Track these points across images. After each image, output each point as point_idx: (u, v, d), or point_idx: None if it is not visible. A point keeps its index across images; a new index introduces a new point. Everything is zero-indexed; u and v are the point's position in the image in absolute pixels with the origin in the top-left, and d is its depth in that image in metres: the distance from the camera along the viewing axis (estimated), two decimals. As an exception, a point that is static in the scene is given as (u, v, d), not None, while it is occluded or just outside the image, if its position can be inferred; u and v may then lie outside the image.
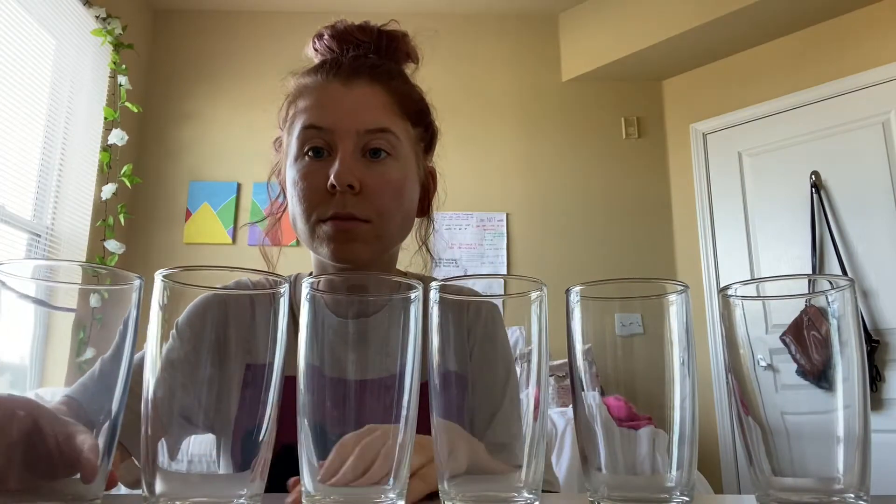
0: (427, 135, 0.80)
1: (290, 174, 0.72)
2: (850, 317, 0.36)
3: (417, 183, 0.77)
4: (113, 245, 2.76)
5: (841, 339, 0.30)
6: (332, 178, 0.67)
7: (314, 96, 0.72)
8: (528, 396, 0.41)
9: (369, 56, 0.75)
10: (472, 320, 0.70)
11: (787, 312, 0.39)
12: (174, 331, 0.38)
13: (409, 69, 0.80)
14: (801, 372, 0.37)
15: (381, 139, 0.70)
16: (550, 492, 0.67)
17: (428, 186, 0.81)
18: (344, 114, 0.70)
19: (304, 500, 0.38)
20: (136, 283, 0.39)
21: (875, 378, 2.38)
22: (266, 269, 0.76)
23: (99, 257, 2.75)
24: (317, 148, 0.70)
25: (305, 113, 0.71)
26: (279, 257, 0.83)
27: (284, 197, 0.78)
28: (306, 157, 0.70)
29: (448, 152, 0.85)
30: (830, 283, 0.38)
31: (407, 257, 0.81)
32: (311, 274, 0.79)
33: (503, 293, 0.46)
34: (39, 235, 2.61)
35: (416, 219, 0.79)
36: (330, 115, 0.70)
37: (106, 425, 0.37)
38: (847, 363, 0.32)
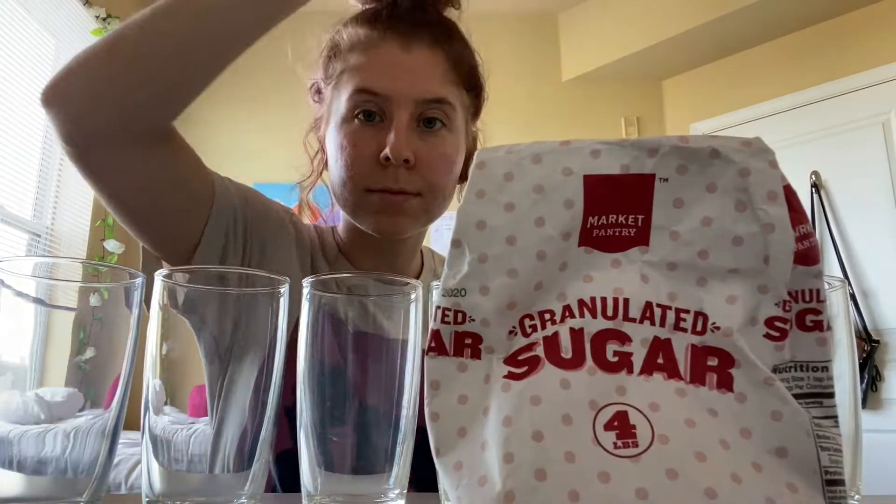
0: (477, 101, 0.77)
1: (336, 136, 0.68)
2: (843, 317, 0.36)
3: (464, 152, 0.74)
4: (112, 245, 2.76)
5: (834, 339, 0.31)
6: (387, 150, 0.63)
7: (370, 56, 0.67)
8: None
9: (426, 7, 0.70)
10: None
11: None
12: None
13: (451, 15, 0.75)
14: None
15: (438, 110, 0.67)
16: None
17: (470, 153, 0.77)
18: (402, 80, 0.65)
19: (304, 501, 0.38)
20: (138, 280, 0.39)
21: (875, 378, 2.37)
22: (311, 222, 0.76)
23: (98, 257, 2.75)
24: (368, 111, 0.66)
25: (359, 74, 0.66)
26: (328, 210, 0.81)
27: (323, 153, 0.74)
28: (356, 121, 0.66)
29: None
30: (828, 283, 0.38)
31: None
32: (333, 229, 0.79)
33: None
34: (39, 235, 2.61)
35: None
36: (386, 80, 0.65)
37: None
38: (839, 363, 0.32)
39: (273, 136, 2.94)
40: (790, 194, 0.32)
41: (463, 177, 0.77)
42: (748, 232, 0.31)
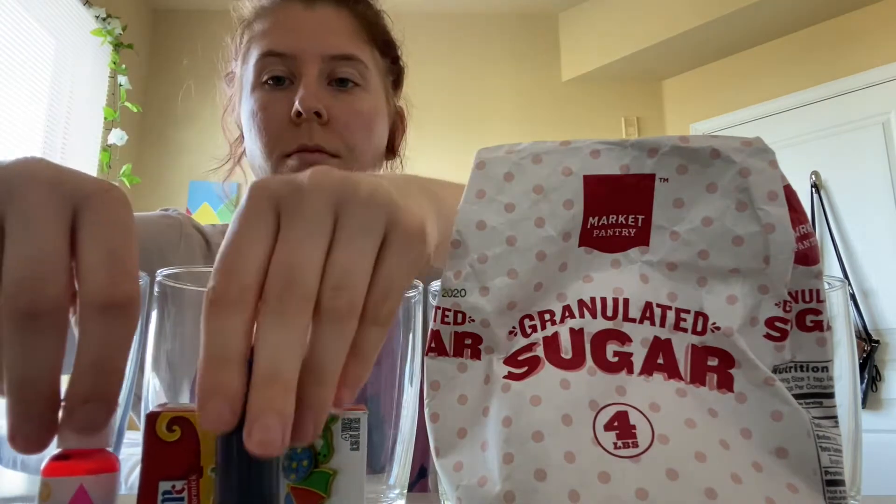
0: (395, 68, 0.74)
1: (247, 106, 0.65)
2: (843, 317, 0.36)
3: (387, 120, 0.71)
4: (113, 245, 2.76)
5: (834, 339, 0.31)
6: (297, 104, 0.60)
7: (272, 19, 0.65)
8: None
9: None
10: None
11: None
12: None
13: None
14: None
15: (349, 67, 0.64)
16: None
17: (396, 127, 0.75)
18: (307, 38, 0.63)
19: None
20: (142, 282, 0.39)
21: (875, 378, 2.37)
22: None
23: (99, 257, 2.75)
24: (277, 77, 0.63)
25: (263, 38, 0.64)
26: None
27: (243, 139, 0.71)
28: (265, 86, 0.64)
29: (447, 152, 0.83)
30: (828, 283, 0.38)
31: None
32: None
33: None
34: (39, 235, 2.61)
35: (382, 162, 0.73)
36: (291, 39, 0.63)
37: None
38: (839, 363, 0.32)
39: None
40: (790, 194, 0.32)
41: (390, 151, 0.74)
42: (748, 232, 0.31)
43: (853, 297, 2.48)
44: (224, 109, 0.74)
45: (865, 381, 2.36)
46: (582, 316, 0.32)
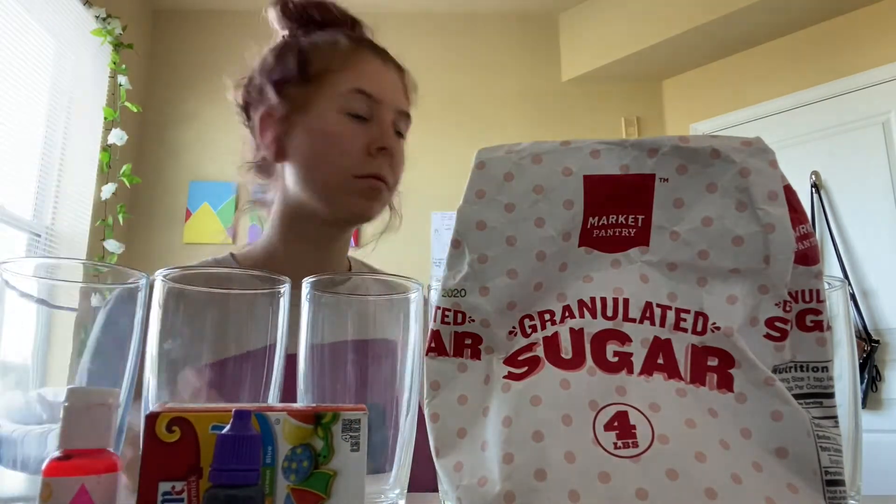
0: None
1: (322, 125, 0.73)
2: (843, 317, 0.36)
3: None
4: (112, 245, 2.75)
5: (834, 339, 0.31)
6: (383, 140, 0.73)
7: (356, 62, 0.75)
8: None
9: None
10: None
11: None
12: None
13: None
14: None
15: (406, 122, 0.78)
16: None
17: None
18: (388, 89, 0.76)
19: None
20: (143, 281, 0.39)
21: (875, 378, 2.37)
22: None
23: (98, 257, 2.75)
24: (359, 111, 0.74)
25: (349, 73, 0.74)
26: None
27: (277, 142, 0.76)
28: (346, 116, 0.73)
29: (446, 152, 0.87)
30: (828, 283, 0.38)
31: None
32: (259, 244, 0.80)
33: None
34: (39, 235, 2.61)
35: None
36: (379, 85, 0.75)
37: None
38: (839, 363, 0.32)
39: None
40: (790, 194, 0.32)
41: None
42: (748, 232, 0.31)
43: (853, 297, 2.48)
44: (268, 115, 0.77)
45: (865, 381, 2.35)
46: (582, 316, 0.32)
